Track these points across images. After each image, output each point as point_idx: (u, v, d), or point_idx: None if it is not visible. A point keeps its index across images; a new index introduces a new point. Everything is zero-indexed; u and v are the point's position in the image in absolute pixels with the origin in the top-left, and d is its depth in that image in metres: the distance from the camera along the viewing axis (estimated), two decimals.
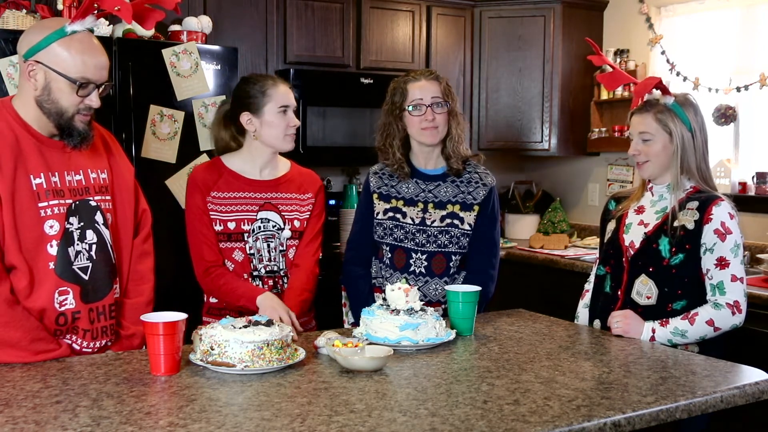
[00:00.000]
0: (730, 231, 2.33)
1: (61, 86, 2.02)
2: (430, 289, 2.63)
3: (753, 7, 4.15)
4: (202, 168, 2.63)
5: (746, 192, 4.09)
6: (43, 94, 2.03)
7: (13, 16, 3.26)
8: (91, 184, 2.16)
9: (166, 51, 3.52)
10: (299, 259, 2.61)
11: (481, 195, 2.66)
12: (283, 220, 2.59)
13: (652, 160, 2.42)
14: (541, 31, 4.78)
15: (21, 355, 1.98)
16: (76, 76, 2.02)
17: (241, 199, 2.56)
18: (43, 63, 2.01)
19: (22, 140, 2.04)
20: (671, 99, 2.41)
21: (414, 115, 2.59)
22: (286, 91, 2.57)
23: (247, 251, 2.54)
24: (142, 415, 1.60)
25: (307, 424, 1.56)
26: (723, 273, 2.32)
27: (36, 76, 2.03)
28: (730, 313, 2.30)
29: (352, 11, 4.45)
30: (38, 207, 2.03)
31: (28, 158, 2.03)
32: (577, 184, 5.20)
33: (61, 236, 2.06)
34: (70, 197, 2.10)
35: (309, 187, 2.67)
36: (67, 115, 2.05)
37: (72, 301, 2.09)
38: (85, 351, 2.13)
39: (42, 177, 2.05)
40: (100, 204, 2.17)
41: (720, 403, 1.82)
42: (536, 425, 1.57)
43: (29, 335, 2.00)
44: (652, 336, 2.31)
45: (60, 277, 2.06)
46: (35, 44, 2.02)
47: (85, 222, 2.12)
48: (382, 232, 2.67)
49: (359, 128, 4.34)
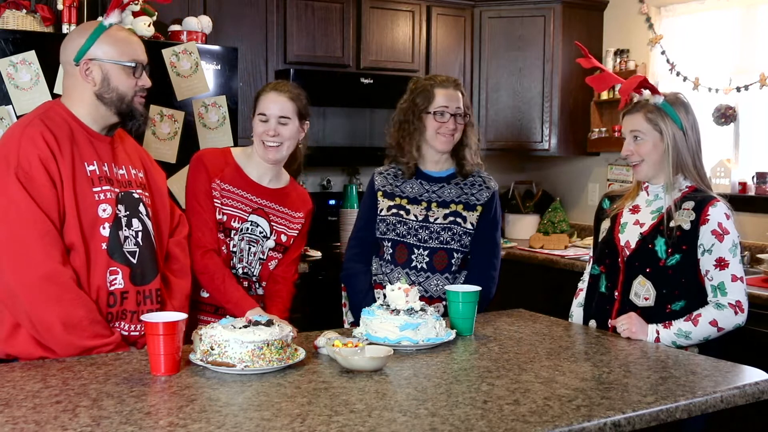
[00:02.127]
0: (727, 231, 2.33)
1: (119, 73, 2.19)
2: (431, 284, 2.64)
3: (753, 7, 4.15)
4: (210, 151, 2.63)
5: (746, 192, 4.09)
6: (103, 86, 2.18)
7: (13, 16, 3.27)
8: (133, 179, 2.29)
9: (166, 51, 3.52)
10: (282, 275, 2.63)
11: (485, 197, 2.69)
12: (271, 230, 2.59)
13: (645, 159, 2.42)
14: (541, 31, 4.78)
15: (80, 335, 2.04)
16: (129, 60, 2.20)
17: (239, 196, 2.55)
18: (96, 59, 2.17)
19: (76, 132, 2.18)
20: (661, 98, 2.41)
21: (437, 121, 2.63)
22: (270, 101, 2.52)
23: (231, 248, 2.54)
24: (142, 415, 1.60)
25: (307, 424, 1.56)
26: (723, 273, 2.32)
27: (93, 73, 2.17)
28: (733, 312, 2.30)
29: (352, 11, 4.45)
30: (93, 191, 2.15)
31: (82, 147, 2.17)
32: (577, 184, 5.20)
33: (113, 220, 2.17)
34: (117, 186, 2.22)
35: (301, 206, 2.67)
36: (128, 99, 2.21)
37: (121, 281, 2.17)
38: (132, 335, 2.19)
39: (95, 164, 2.18)
40: (142, 198, 2.29)
41: (720, 403, 1.82)
42: (536, 425, 1.57)
43: (90, 315, 2.08)
44: (657, 338, 2.31)
45: (111, 258, 2.15)
46: (82, 46, 2.17)
47: (131, 211, 2.23)
48: (385, 228, 2.68)
49: (359, 128, 4.35)
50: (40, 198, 2.05)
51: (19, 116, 3.04)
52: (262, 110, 2.52)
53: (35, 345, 2.06)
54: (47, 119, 2.14)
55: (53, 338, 2.04)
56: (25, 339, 2.07)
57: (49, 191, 2.06)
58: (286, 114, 2.52)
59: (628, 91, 2.43)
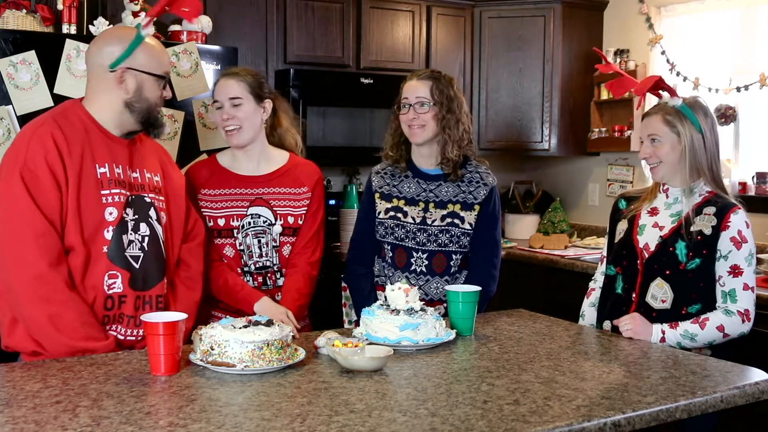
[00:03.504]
0: (746, 240, 2.34)
1: (152, 84, 2.24)
2: (431, 287, 2.63)
3: (753, 7, 4.14)
4: (195, 166, 2.68)
5: (746, 192, 4.09)
6: (135, 95, 2.21)
7: (13, 16, 3.26)
8: (147, 182, 2.30)
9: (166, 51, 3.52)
10: (295, 261, 2.60)
11: (482, 194, 2.66)
12: (275, 216, 2.57)
13: (663, 161, 2.42)
14: (541, 31, 4.78)
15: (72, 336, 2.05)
16: (162, 72, 2.26)
17: (231, 196, 2.56)
18: (134, 68, 2.21)
19: (91, 133, 2.19)
20: (680, 101, 2.42)
21: (401, 114, 2.63)
22: (219, 85, 2.58)
23: (237, 247, 2.54)
24: (142, 415, 1.60)
25: (307, 424, 1.56)
26: (736, 281, 2.33)
27: (127, 82, 2.20)
28: (741, 320, 2.32)
29: (352, 11, 4.45)
30: (101, 194, 2.16)
31: (96, 149, 2.18)
32: (577, 184, 5.20)
33: (118, 223, 2.17)
34: (129, 190, 2.23)
35: (305, 179, 2.65)
36: (155, 110, 2.27)
37: (120, 285, 2.17)
38: (128, 339, 2.19)
39: (107, 167, 2.19)
40: (154, 201, 2.29)
41: (720, 403, 1.82)
42: (536, 425, 1.57)
43: (82, 317, 2.09)
44: (662, 338, 2.31)
45: (111, 261, 2.16)
46: (121, 54, 2.19)
47: (139, 215, 2.24)
48: (384, 231, 2.68)
49: (359, 128, 4.34)
50: (42, 199, 2.06)
51: (19, 116, 3.04)
52: (215, 97, 2.57)
53: (30, 340, 2.09)
54: (62, 119, 2.17)
55: (43, 337, 2.07)
56: (21, 333, 2.10)
57: (52, 193, 2.08)
58: (236, 95, 2.55)
59: (644, 92, 2.43)
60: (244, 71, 2.60)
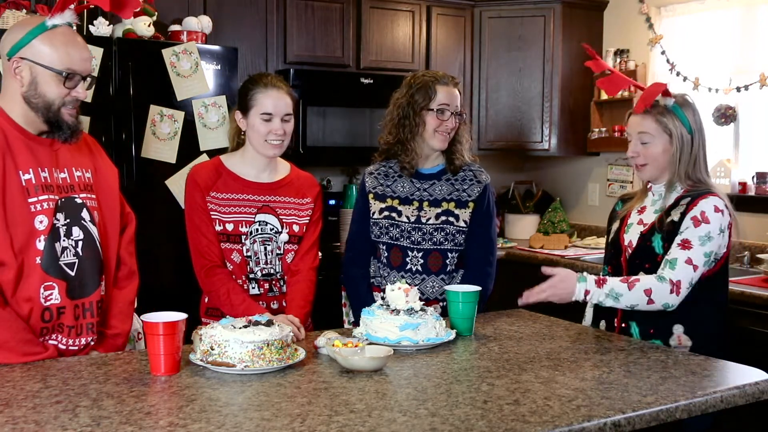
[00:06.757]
0: (707, 220, 2.30)
1: (48, 79, 2.04)
2: (427, 286, 2.63)
3: (753, 7, 4.15)
4: (202, 167, 2.61)
5: (746, 192, 4.09)
6: (30, 89, 2.04)
7: (13, 16, 3.26)
8: (76, 182, 2.16)
9: (166, 51, 3.52)
10: (298, 267, 2.58)
11: (476, 192, 2.67)
12: (281, 224, 2.56)
13: (651, 162, 2.42)
14: (541, 31, 4.79)
15: (9, 356, 1.98)
16: (62, 67, 2.04)
17: (240, 201, 2.54)
18: (28, 58, 2.03)
19: (10, 137, 2.05)
20: (671, 100, 2.41)
21: (438, 119, 2.60)
22: (275, 98, 2.49)
23: (244, 253, 2.52)
24: (142, 415, 1.60)
25: (307, 424, 1.56)
26: (681, 252, 2.30)
27: (22, 73, 2.04)
28: (669, 290, 2.27)
29: (352, 11, 4.45)
30: (28, 202, 2.03)
31: (17, 154, 2.04)
32: (577, 184, 5.20)
33: (49, 231, 2.05)
34: (57, 193, 2.10)
35: (307, 191, 2.64)
36: (54, 108, 2.06)
37: (57, 296, 2.07)
38: (70, 349, 2.12)
39: (31, 172, 2.05)
40: (86, 201, 2.17)
41: (720, 403, 1.82)
42: (536, 425, 1.57)
43: (18, 336, 2.00)
44: (585, 299, 2.29)
45: (46, 273, 2.05)
46: (17, 41, 2.03)
47: (71, 219, 2.11)
48: (378, 231, 2.68)
49: (359, 128, 4.35)
50: None
51: None
52: (267, 109, 2.48)
53: None
54: None
55: None
56: None
57: None
58: (290, 111, 2.53)
59: (651, 99, 2.41)
60: (285, 84, 2.56)
